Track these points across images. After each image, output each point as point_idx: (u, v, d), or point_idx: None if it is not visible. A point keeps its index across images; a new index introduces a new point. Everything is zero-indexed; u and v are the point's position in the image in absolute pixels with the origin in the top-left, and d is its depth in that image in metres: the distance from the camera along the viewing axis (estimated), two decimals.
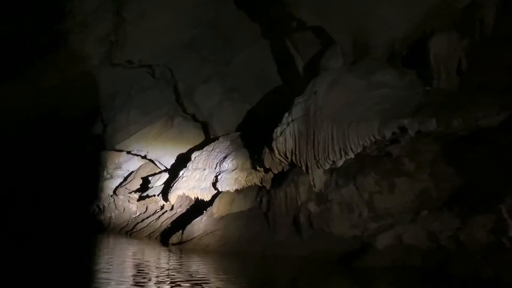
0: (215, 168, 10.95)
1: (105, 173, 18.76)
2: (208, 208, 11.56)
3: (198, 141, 14.49)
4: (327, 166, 7.60)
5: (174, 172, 13.70)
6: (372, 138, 6.78)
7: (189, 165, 11.86)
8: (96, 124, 15.56)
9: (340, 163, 7.50)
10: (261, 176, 9.63)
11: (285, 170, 8.91)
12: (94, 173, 18.36)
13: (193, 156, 12.04)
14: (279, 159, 8.42)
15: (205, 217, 11.40)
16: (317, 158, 7.56)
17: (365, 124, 6.82)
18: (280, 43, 10.47)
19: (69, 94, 12.64)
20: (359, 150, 7.00)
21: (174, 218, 14.11)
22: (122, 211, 17.64)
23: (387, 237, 8.24)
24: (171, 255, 10.00)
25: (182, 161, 13.47)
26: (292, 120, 8.06)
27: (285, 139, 8.07)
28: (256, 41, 11.44)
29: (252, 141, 10.96)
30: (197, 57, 12.40)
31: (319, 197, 9.50)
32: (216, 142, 12.00)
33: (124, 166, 18.31)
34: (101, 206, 19.02)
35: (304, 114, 7.88)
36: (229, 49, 11.95)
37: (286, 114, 8.34)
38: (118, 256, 9.97)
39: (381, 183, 8.63)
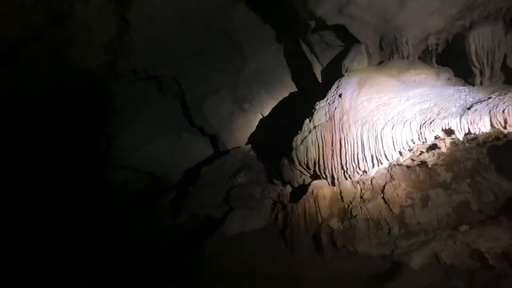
0: (227, 183, 9.99)
1: (109, 191, 17.79)
2: (219, 227, 10.53)
3: (206, 156, 13.58)
4: (357, 177, 6.63)
5: (182, 189, 12.72)
6: (410, 143, 5.81)
7: (198, 180, 10.89)
8: (101, 139, 14.62)
9: (372, 172, 6.54)
10: (278, 190, 8.64)
11: (306, 182, 7.91)
12: (99, 192, 17.36)
13: (202, 171, 11.10)
14: (300, 171, 7.47)
15: (215, 237, 10.37)
16: (345, 168, 6.60)
17: (402, 126, 5.86)
18: (295, 47, 9.61)
19: (70, 106, 11.74)
20: (395, 158, 6.04)
21: (181, 238, 13.05)
22: (127, 232, 16.53)
23: (423, 256, 7.28)
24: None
25: (190, 177, 12.52)
26: (315, 127, 7.13)
27: (307, 148, 7.13)
28: (269, 47, 10.60)
29: (266, 154, 10.04)
30: (206, 67, 11.58)
31: (343, 213, 8.56)
32: (226, 155, 11.06)
33: (130, 185, 17.34)
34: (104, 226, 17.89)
35: (328, 120, 6.95)
36: (241, 57, 11.12)
37: (307, 121, 7.41)
38: None
39: (413, 196, 7.67)
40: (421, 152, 6.79)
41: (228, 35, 10.73)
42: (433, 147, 6.55)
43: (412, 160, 7.16)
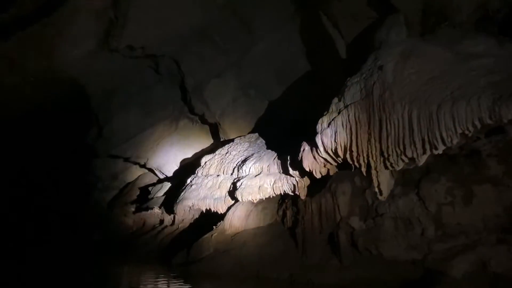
0: (232, 173, 8.61)
1: (99, 184, 16.39)
2: (219, 223, 9.36)
3: (205, 146, 12.14)
4: (401, 166, 5.21)
5: (178, 180, 11.31)
6: (477, 122, 4.43)
7: (199, 171, 9.48)
8: (91, 126, 13.09)
9: (421, 161, 5.15)
10: (294, 182, 7.24)
11: (331, 173, 6.50)
12: (87, 184, 15.90)
13: (203, 160, 9.67)
14: (325, 159, 6.03)
15: (215, 234, 9.16)
16: (386, 155, 5.20)
17: (467, 103, 4.48)
18: (314, 22, 8.16)
19: (58, 87, 10.17)
20: (454, 142, 4.65)
21: (175, 234, 11.87)
22: (117, 226, 15.11)
23: (466, 263, 5.99)
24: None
25: (188, 168, 11.10)
26: (346, 106, 5.73)
27: (336, 132, 5.72)
28: (282, 24, 9.14)
29: (277, 143, 8.66)
30: (209, 47, 10.13)
31: (366, 211, 7.30)
32: (231, 143, 9.62)
33: (121, 177, 15.96)
34: (95, 221, 16.43)
35: (364, 97, 5.57)
36: (249, 36, 9.65)
37: (335, 100, 6.02)
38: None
39: (454, 192, 6.39)
40: (478, 138, 5.43)
41: (235, 10, 9.28)
42: (493, 131, 5.21)
43: (461, 148, 5.80)
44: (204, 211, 9.27)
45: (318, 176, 6.39)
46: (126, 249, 12.81)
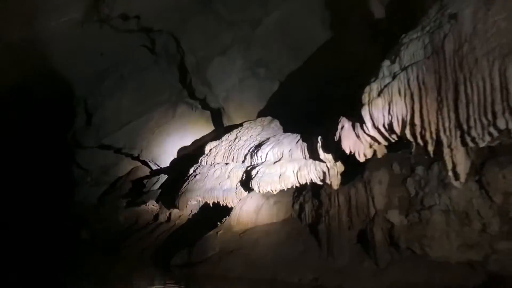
0: (244, 161, 7.25)
1: (88, 178, 14.93)
2: (224, 219, 8.09)
3: (206, 133, 10.82)
4: (486, 141, 3.86)
5: (176, 171, 10.04)
6: None
7: (203, 159, 8.09)
8: (79, 113, 11.65)
9: None
10: (325, 168, 5.85)
11: (378, 155, 5.10)
12: (76, 177, 14.44)
13: (207, 148, 8.34)
14: (373, 137, 4.66)
15: (221, 231, 7.85)
16: (466, 128, 3.82)
17: None
18: None
19: (43, 65, 8.66)
20: None
21: (172, 231, 10.47)
22: (108, 223, 13.69)
23: None
24: None
25: (188, 158, 9.82)
26: (404, 68, 4.39)
27: (391, 102, 4.37)
28: None
29: (292, 126, 7.34)
30: (213, 19, 8.78)
31: (408, 203, 6.06)
32: (240, 128, 8.25)
33: (112, 171, 14.51)
34: (83, 218, 15.01)
35: (430, 55, 4.22)
36: (260, 5, 8.19)
37: (387, 62, 4.68)
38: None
39: None
40: None
41: None
42: None
43: None
44: (212, 204, 7.89)
45: (361, 159, 5.02)
46: (117, 249, 11.46)
